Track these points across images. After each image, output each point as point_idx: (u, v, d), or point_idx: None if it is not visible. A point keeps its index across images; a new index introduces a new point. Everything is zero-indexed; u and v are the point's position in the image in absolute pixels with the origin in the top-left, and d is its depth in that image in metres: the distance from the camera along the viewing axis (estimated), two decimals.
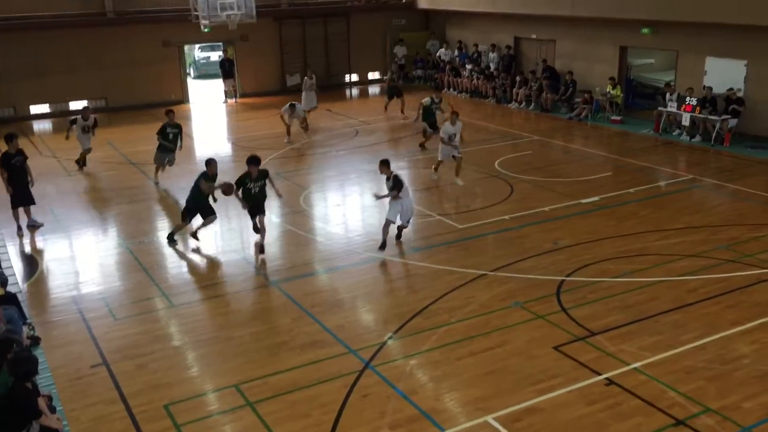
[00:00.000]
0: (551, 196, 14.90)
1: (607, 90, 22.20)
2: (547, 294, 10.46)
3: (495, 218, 13.68)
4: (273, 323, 9.94)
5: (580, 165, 16.63)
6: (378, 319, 9.97)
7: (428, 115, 18.87)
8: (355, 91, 29.47)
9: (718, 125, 18.68)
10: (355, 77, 30.06)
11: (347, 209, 15.04)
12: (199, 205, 12.67)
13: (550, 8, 22.95)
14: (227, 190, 12.12)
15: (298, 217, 14.15)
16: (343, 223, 14.04)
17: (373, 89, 29.67)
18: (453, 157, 15.76)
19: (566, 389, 8.10)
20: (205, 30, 24.74)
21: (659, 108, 20.40)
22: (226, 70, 27.18)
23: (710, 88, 19.28)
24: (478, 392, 8.11)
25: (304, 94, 22.75)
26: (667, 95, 20.18)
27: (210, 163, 12.63)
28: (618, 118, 21.66)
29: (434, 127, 18.48)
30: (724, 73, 19.27)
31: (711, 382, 8.15)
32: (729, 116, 18.69)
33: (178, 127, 16.60)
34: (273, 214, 13.89)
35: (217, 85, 28.27)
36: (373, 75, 30.56)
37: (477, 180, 16.31)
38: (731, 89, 18.84)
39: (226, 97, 27.42)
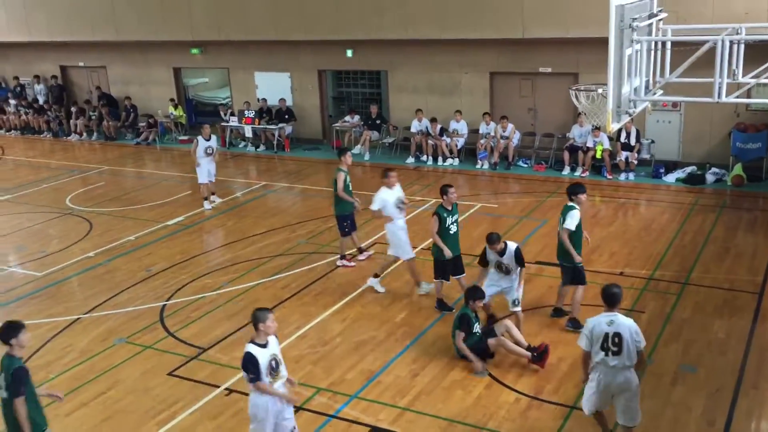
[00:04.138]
0: (135, 224, 14.48)
1: (170, 111, 22.38)
2: (150, 323, 10.17)
3: (78, 258, 12.79)
4: None
5: (158, 188, 16.50)
6: None
7: None
8: None
9: (277, 133, 20.28)
10: None
11: None
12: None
13: (93, 34, 22.10)
14: None
15: None
16: None
17: None
18: None
19: (188, 411, 8.02)
20: None
21: (222, 123, 21.30)
22: None
23: (264, 100, 20.82)
24: None
25: None
26: (223, 113, 21.39)
27: None
28: (185, 137, 21.99)
29: None
30: (273, 85, 20.97)
31: (317, 365, 8.86)
32: (284, 124, 20.42)
33: None
34: None
35: None
36: None
37: (49, 221, 15.04)
38: (282, 99, 20.61)
39: None
